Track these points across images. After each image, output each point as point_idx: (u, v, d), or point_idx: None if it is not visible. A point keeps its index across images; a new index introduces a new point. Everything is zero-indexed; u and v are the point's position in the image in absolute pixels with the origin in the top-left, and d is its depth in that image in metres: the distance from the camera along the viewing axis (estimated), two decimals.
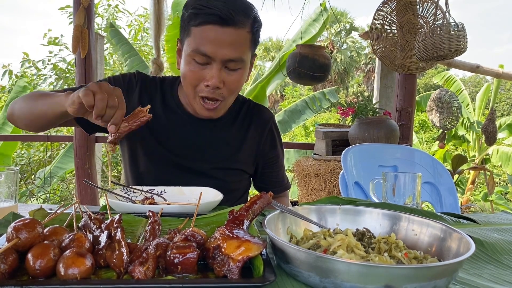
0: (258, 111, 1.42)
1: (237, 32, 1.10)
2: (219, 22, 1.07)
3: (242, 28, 1.11)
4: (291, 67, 3.37)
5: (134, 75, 1.33)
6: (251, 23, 1.13)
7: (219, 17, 1.06)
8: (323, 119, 15.19)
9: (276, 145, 1.44)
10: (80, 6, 3.24)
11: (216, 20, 1.07)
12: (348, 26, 25.33)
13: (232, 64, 1.13)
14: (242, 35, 1.11)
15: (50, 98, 1.09)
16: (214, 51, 1.09)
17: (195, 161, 1.30)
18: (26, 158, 6.83)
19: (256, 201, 0.73)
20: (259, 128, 1.39)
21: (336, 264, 0.54)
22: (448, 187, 1.93)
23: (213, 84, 1.12)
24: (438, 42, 2.43)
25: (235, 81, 1.16)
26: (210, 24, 1.08)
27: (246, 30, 1.12)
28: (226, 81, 1.14)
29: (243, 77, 1.19)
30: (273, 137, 1.43)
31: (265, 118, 1.42)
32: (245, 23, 1.11)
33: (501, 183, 9.89)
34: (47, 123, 1.15)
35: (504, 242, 0.83)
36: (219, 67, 1.11)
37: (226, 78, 1.14)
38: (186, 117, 1.30)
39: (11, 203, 0.93)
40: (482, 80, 22.65)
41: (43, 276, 0.54)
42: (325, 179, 3.03)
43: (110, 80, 1.29)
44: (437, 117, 4.67)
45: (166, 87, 1.33)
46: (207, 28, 1.08)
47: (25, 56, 9.01)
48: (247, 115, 1.39)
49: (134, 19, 10.33)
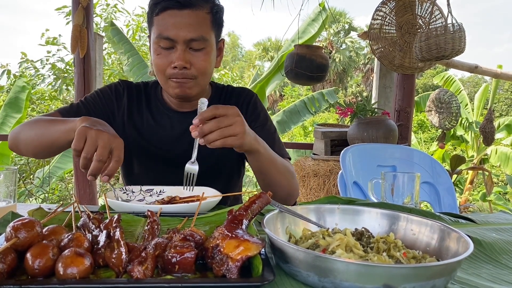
0: (235, 91, 1.43)
1: (195, 13, 1.16)
2: (177, 6, 1.14)
3: (200, 9, 1.17)
4: (289, 67, 3.38)
5: (119, 83, 1.38)
6: (210, 6, 1.20)
7: (176, 1, 1.14)
8: (322, 119, 15.21)
9: (257, 117, 1.38)
10: (79, 6, 3.23)
11: (173, 5, 1.14)
12: (347, 26, 25.35)
13: (195, 44, 1.17)
14: (201, 16, 1.17)
15: (59, 125, 1.09)
16: (176, 33, 1.14)
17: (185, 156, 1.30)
18: (24, 158, 6.80)
19: (255, 200, 0.74)
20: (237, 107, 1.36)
21: (335, 263, 0.54)
22: (446, 187, 1.93)
23: (180, 65, 1.16)
24: (441, 42, 2.44)
25: (202, 60, 1.19)
26: (169, 9, 1.15)
27: (204, 11, 1.18)
28: (193, 62, 1.18)
29: (209, 57, 1.21)
30: (254, 110, 1.39)
31: (242, 96, 1.41)
32: (203, 5, 1.18)
33: (500, 183, 9.91)
34: (58, 150, 1.16)
35: (502, 242, 0.83)
36: (183, 48, 1.16)
37: (192, 58, 1.18)
38: (172, 114, 1.34)
39: (10, 202, 0.93)
40: (480, 81, 22.68)
41: (42, 276, 0.54)
42: (324, 179, 3.03)
43: (98, 94, 1.33)
44: (436, 117, 4.67)
45: (150, 90, 1.38)
46: (166, 14, 1.16)
47: (23, 56, 8.99)
48: (226, 99, 1.40)
49: (132, 18, 10.33)
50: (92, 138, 0.89)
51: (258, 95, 1.49)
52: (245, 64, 26.85)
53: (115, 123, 1.32)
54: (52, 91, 9.16)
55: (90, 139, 0.89)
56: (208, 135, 0.94)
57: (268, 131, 1.37)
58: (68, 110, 1.27)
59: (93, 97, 1.32)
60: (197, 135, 0.95)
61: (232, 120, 0.96)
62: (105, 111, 1.32)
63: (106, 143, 0.89)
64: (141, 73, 6.09)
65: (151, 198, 1.13)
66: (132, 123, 1.33)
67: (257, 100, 1.43)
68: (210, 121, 0.95)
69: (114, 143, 0.91)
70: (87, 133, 0.89)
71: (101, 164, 0.89)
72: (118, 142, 0.92)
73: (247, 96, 1.41)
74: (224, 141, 0.96)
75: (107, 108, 1.32)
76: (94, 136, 0.89)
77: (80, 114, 1.24)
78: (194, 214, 0.77)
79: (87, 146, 0.88)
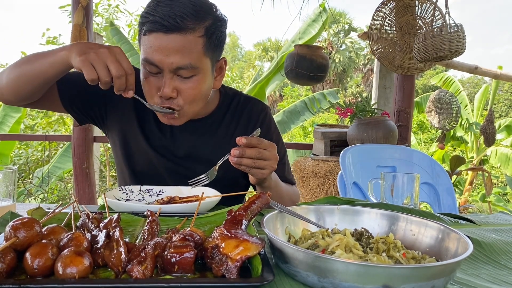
0: (248, 104, 1.35)
1: (184, 38, 1.02)
2: (163, 29, 1.01)
3: (191, 33, 1.03)
4: (289, 67, 3.38)
5: None
6: (205, 27, 1.05)
7: (162, 25, 1.00)
8: (322, 119, 15.21)
9: (270, 139, 1.33)
10: (79, 6, 3.23)
11: (159, 28, 1.01)
12: (347, 26, 25.36)
13: (183, 72, 1.05)
14: (191, 41, 1.03)
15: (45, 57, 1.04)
16: (160, 59, 1.02)
17: (185, 166, 1.28)
18: (24, 158, 6.80)
19: (254, 201, 0.74)
20: (249, 124, 1.32)
21: (335, 264, 0.54)
22: (446, 188, 1.93)
23: (164, 94, 1.06)
24: (437, 43, 2.44)
25: (190, 88, 1.08)
26: (155, 32, 1.02)
27: (196, 35, 1.04)
28: (180, 89, 1.08)
29: (200, 84, 1.10)
30: (267, 130, 1.34)
31: (256, 110, 1.34)
32: (194, 28, 1.03)
33: (499, 184, 9.91)
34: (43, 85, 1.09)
35: (502, 243, 0.83)
36: (170, 76, 1.05)
37: (179, 86, 1.07)
38: None
39: (9, 202, 0.93)
40: (480, 81, 22.70)
41: (41, 275, 0.54)
42: (324, 179, 3.03)
43: None
44: (436, 118, 4.68)
45: None
46: (152, 36, 1.02)
47: (23, 55, 8.98)
48: (236, 111, 1.32)
49: (134, 19, 10.32)
50: (98, 62, 0.92)
51: (258, 95, 1.48)
52: (244, 64, 26.85)
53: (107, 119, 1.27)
54: None
55: (97, 64, 0.91)
56: (245, 159, 1.01)
57: (279, 156, 1.36)
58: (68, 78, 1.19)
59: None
60: (237, 154, 1.00)
61: (269, 156, 1.03)
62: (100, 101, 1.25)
63: (112, 58, 0.93)
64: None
65: (150, 198, 1.13)
66: (140, 127, 1.27)
67: (271, 118, 1.39)
68: (253, 148, 1.01)
69: (116, 53, 0.94)
70: (90, 60, 0.91)
71: (122, 78, 0.95)
72: (116, 50, 0.95)
73: (261, 113, 1.35)
74: (251, 170, 1.04)
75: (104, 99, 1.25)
76: (98, 59, 0.92)
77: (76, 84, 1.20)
78: (193, 214, 0.77)
79: (99, 71, 0.92)
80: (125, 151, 1.30)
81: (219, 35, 1.11)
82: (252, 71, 22.74)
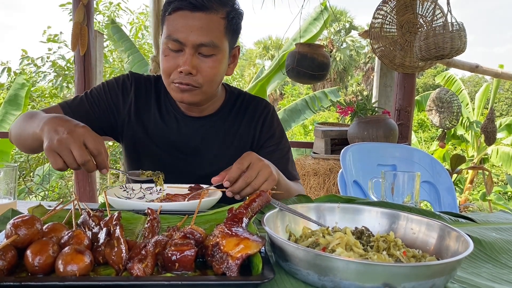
0: (252, 102, 1.37)
1: (209, 17, 1.09)
2: (189, 7, 1.08)
3: (215, 13, 1.10)
4: (290, 65, 3.37)
5: (128, 76, 1.32)
6: (226, 11, 1.13)
7: (189, 3, 1.08)
8: (322, 118, 15.19)
9: (273, 135, 1.36)
10: (80, 4, 3.23)
11: (186, 6, 1.08)
12: (347, 25, 25.30)
13: (204, 50, 1.11)
14: (214, 20, 1.10)
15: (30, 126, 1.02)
16: (185, 36, 1.09)
17: (191, 162, 1.30)
18: (24, 155, 6.81)
19: (255, 199, 0.74)
20: (253, 121, 1.35)
21: (335, 262, 0.54)
22: (446, 187, 1.93)
23: (185, 70, 1.10)
24: (439, 41, 2.44)
25: (209, 67, 1.13)
26: (181, 10, 1.09)
27: (219, 16, 1.11)
28: (200, 68, 1.13)
29: (219, 65, 1.15)
30: (270, 127, 1.36)
31: (260, 108, 1.37)
32: (218, 10, 1.11)
33: (500, 183, 9.91)
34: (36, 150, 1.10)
35: (502, 241, 0.83)
36: (192, 52, 1.10)
37: (199, 64, 1.12)
38: (180, 116, 1.30)
39: (10, 200, 0.93)
40: (481, 80, 22.65)
41: (42, 273, 0.55)
42: (324, 177, 3.03)
43: (104, 86, 1.29)
44: (437, 117, 4.67)
45: (160, 86, 1.32)
46: (178, 14, 1.10)
47: (24, 53, 8.98)
48: (241, 109, 1.35)
49: (136, 17, 10.31)
50: (62, 149, 0.86)
51: (259, 94, 1.49)
52: (245, 63, 26.81)
53: (119, 118, 1.29)
54: (53, 88, 9.16)
55: (61, 152, 0.86)
56: (241, 192, 0.99)
57: (282, 151, 1.36)
58: (70, 104, 1.23)
59: (98, 90, 1.28)
60: (230, 195, 0.99)
61: (256, 168, 0.99)
62: (109, 105, 1.27)
63: (75, 144, 0.86)
64: (141, 71, 6.07)
65: (151, 196, 1.13)
66: (141, 121, 1.29)
67: (274, 114, 1.40)
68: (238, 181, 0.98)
69: (81, 137, 0.88)
70: (54, 149, 0.86)
71: (88, 163, 0.88)
72: (82, 132, 0.88)
73: (264, 110, 1.37)
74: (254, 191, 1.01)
75: (111, 102, 1.27)
76: (61, 146, 0.86)
77: (81, 108, 1.23)
78: (194, 212, 0.77)
79: (65, 158, 0.87)
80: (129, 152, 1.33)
81: (238, 22, 1.18)
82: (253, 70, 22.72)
